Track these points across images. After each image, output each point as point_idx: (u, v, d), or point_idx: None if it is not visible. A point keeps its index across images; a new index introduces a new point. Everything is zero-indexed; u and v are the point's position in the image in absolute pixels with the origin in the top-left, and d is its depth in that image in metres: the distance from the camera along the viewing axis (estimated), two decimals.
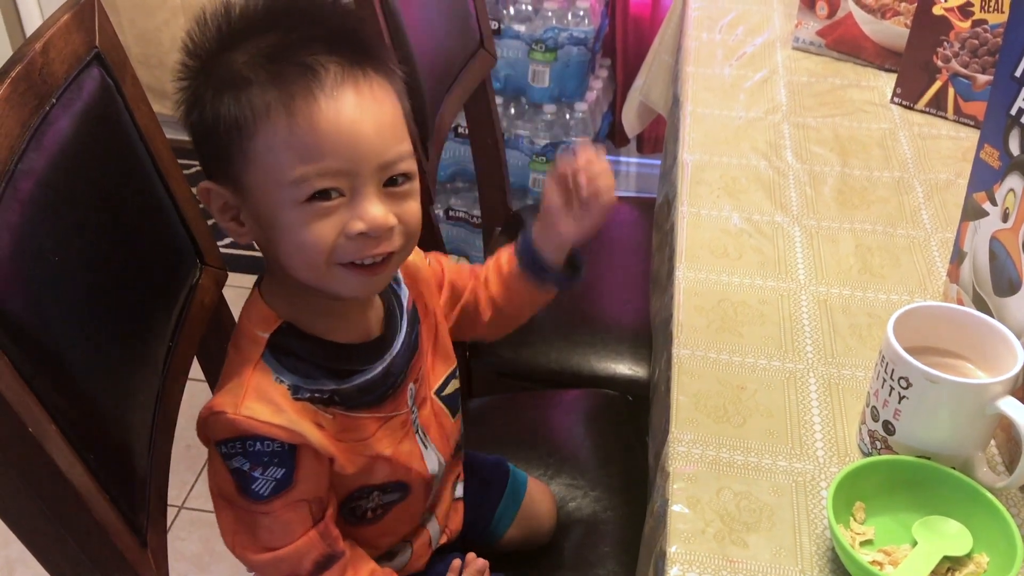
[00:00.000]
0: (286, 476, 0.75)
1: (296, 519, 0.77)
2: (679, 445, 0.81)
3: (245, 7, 0.73)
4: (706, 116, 1.28)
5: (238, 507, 0.77)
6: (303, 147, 0.69)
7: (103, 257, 0.83)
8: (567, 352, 1.39)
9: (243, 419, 0.74)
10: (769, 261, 1.02)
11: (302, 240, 0.71)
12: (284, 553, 0.77)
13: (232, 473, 0.76)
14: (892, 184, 1.15)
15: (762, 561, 0.71)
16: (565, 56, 2.11)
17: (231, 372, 0.77)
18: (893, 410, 0.75)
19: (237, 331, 0.80)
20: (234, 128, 0.70)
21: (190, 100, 0.73)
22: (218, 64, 0.71)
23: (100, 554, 0.70)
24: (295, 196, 0.70)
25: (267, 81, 0.69)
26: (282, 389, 0.76)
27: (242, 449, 0.74)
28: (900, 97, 1.31)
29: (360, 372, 0.80)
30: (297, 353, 0.77)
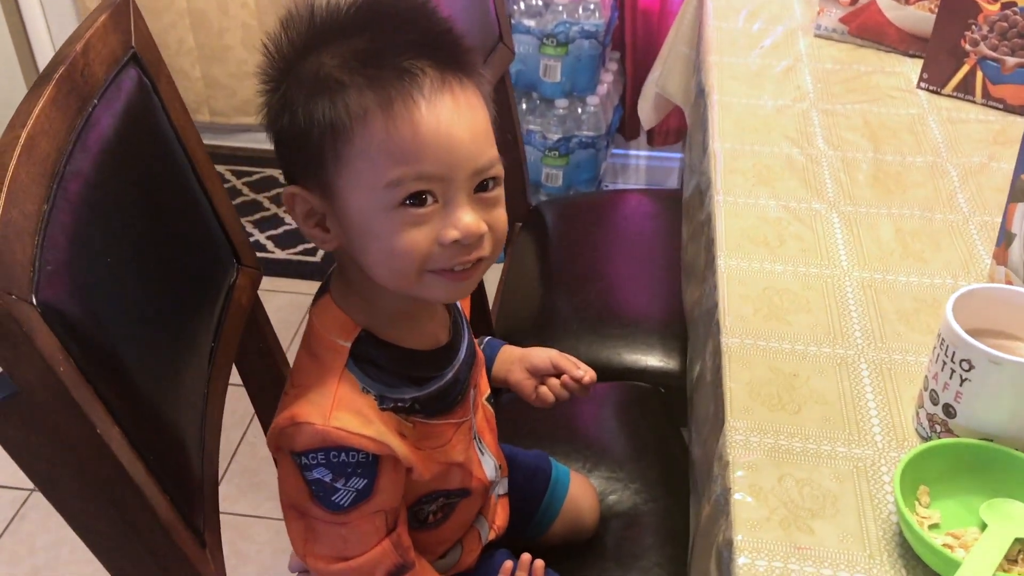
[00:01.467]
0: (367, 487, 0.74)
1: (372, 529, 0.77)
2: (736, 434, 0.80)
3: (331, 8, 0.71)
4: (734, 105, 1.27)
5: (312, 517, 0.76)
6: (400, 150, 0.67)
7: (150, 258, 0.82)
8: (596, 346, 1.39)
9: (333, 430, 0.72)
10: (810, 248, 1.01)
11: (395, 247, 0.70)
12: (358, 563, 0.77)
13: (311, 484, 0.75)
14: (926, 169, 1.15)
15: (829, 547, 0.71)
16: (576, 50, 2.10)
17: (311, 381, 0.75)
18: (954, 393, 0.75)
19: (312, 337, 0.78)
20: (329, 132, 0.68)
21: (278, 104, 0.71)
22: (306, 67, 0.70)
23: (164, 554, 0.70)
24: (389, 200, 0.68)
25: (364, 85, 0.67)
26: (369, 400, 0.74)
27: (325, 460, 0.73)
28: (927, 82, 1.30)
29: (435, 379, 0.79)
30: (377, 362, 0.76)
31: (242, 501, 1.79)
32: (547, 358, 0.97)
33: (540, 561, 0.92)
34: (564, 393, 0.97)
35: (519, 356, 0.99)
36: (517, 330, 1.43)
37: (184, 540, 0.72)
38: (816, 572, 0.69)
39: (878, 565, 0.70)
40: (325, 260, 2.34)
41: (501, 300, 1.51)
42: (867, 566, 0.70)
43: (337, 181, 0.70)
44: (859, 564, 0.70)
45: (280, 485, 0.79)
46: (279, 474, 0.78)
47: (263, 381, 1.09)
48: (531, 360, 0.97)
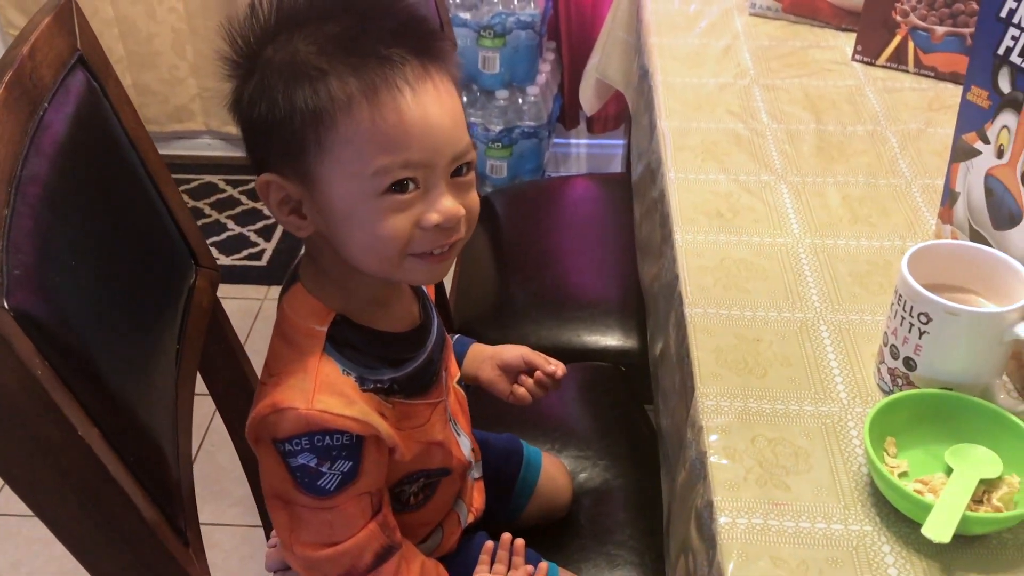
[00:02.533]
0: (352, 469, 0.75)
1: (358, 512, 0.77)
2: (707, 400, 0.82)
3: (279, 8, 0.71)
4: (677, 84, 1.30)
5: (297, 505, 0.76)
6: (386, 139, 0.68)
7: (112, 261, 0.81)
8: (556, 330, 1.40)
9: (316, 413, 0.72)
10: (762, 218, 1.04)
11: (379, 233, 0.70)
12: (346, 547, 0.77)
13: (295, 470, 0.74)
14: (867, 137, 1.18)
15: (805, 501, 0.73)
16: (514, 41, 2.11)
17: (289, 368, 0.75)
18: (914, 346, 0.77)
19: (286, 325, 0.77)
20: (311, 119, 0.68)
21: (254, 92, 0.70)
22: (279, 53, 0.69)
23: (150, 556, 0.69)
24: (373, 187, 0.69)
25: (347, 72, 0.67)
26: (350, 381, 0.75)
27: (310, 445, 0.73)
28: (861, 54, 1.34)
29: (410, 360, 0.80)
30: (355, 344, 0.76)
31: (205, 509, 1.74)
32: (518, 355, 0.99)
33: (520, 540, 0.93)
34: (539, 391, 0.99)
35: (489, 354, 1.00)
36: (476, 320, 1.44)
37: (169, 540, 0.71)
38: (795, 525, 0.72)
39: (853, 515, 0.72)
40: (271, 264, 2.32)
41: (458, 291, 1.52)
42: (843, 516, 0.72)
43: (318, 168, 0.70)
44: (835, 515, 0.72)
45: (263, 477, 0.79)
46: (261, 466, 0.78)
47: (227, 383, 1.09)
48: (502, 357, 0.99)
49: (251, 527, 1.72)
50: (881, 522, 0.72)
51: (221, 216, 2.47)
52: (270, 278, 2.28)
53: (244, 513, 1.74)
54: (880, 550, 0.70)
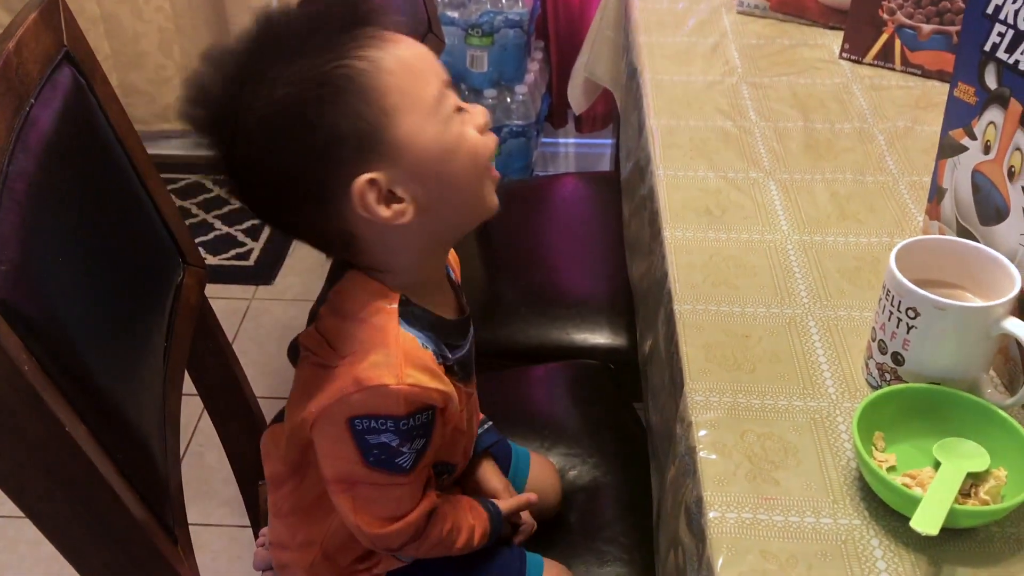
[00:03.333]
0: (425, 444, 0.76)
1: (421, 483, 0.80)
2: (696, 395, 0.82)
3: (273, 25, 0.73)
4: (666, 83, 1.30)
5: (366, 483, 0.76)
6: (413, 75, 0.72)
7: (100, 257, 0.81)
8: (544, 327, 1.40)
9: (408, 388, 0.71)
10: (751, 215, 1.04)
11: (470, 145, 0.74)
12: (412, 518, 0.79)
13: (372, 448, 0.74)
14: (854, 135, 1.19)
15: (795, 496, 0.73)
16: (502, 39, 2.11)
17: (367, 345, 0.73)
18: (902, 341, 0.78)
19: (348, 303, 0.76)
20: (365, 100, 0.70)
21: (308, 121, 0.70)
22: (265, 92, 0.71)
23: (139, 554, 0.69)
24: (444, 112, 0.73)
25: (355, 49, 0.70)
26: (429, 354, 0.75)
27: (395, 427, 0.73)
28: (848, 52, 1.35)
29: (460, 346, 0.81)
30: (423, 323, 0.76)
31: (192, 510, 1.74)
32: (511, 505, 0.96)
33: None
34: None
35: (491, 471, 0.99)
36: None
37: (159, 538, 0.71)
38: (784, 519, 0.72)
39: (842, 508, 0.72)
40: (258, 264, 2.31)
41: None
42: (832, 510, 0.72)
43: (398, 132, 0.71)
44: (824, 509, 0.72)
45: (325, 459, 0.77)
46: (323, 448, 0.77)
47: (216, 382, 1.08)
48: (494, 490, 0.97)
49: (239, 527, 1.71)
50: (870, 516, 0.72)
51: (208, 216, 2.46)
52: (257, 278, 2.27)
53: (232, 513, 1.73)
54: (869, 543, 0.70)
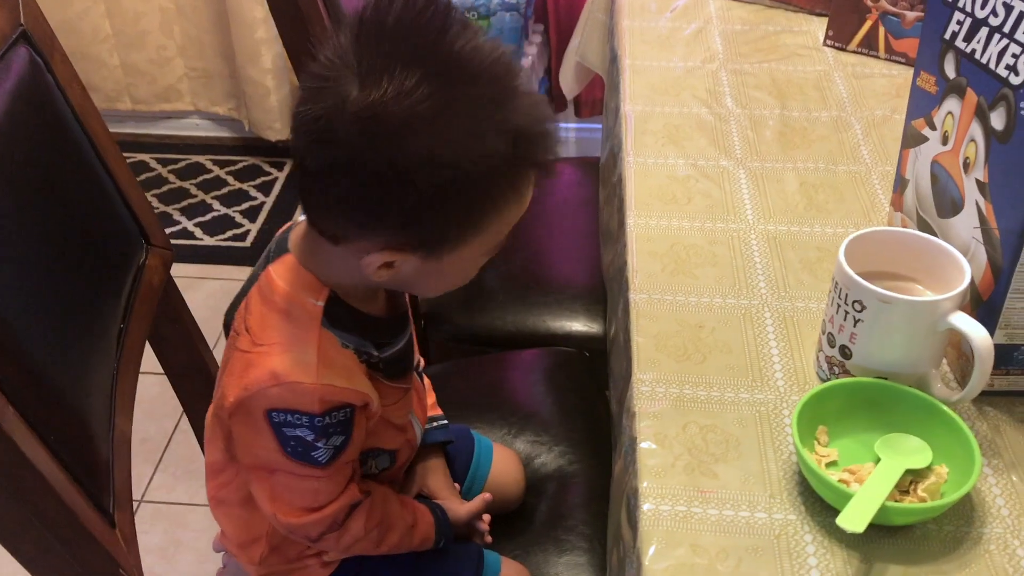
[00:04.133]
0: (344, 442, 0.76)
1: (342, 478, 0.80)
2: (643, 385, 0.82)
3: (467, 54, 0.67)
4: (644, 68, 1.28)
5: (284, 472, 0.77)
6: (512, 224, 0.74)
7: (45, 239, 0.81)
8: (522, 314, 1.40)
9: (322, 387, 0.72)
10: (717, 204, 1.03)
11: (460, 282, 0.77)
12: (330, 511, 0.79)
13: (288, 440, 0.74)
14: (831, 123, 1.17)
15: (732, 489, 0.73)
16: (498, 23, 2.10)
17: (287, 339, 0.73)
18: (849, 334, 0.77)
19: (278, 296, 0.75)
20: (474, 214, 0.69)
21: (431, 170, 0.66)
22: (459, 122, 0.66)
23: (70, 537, 0.69)
24: (482, 256, 0.75)
25: (513, 177, 0.70)
26: (349, 353, 0.75)
27: (310, 424, 0.73)
28: (832, 39, 1.33)
29: (390, 344, 0.81)
30: (347, 323, 0.76)
31: (178, 489, 1.77)
32: (465, 511, 0.95)
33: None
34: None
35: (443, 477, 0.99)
36: (444, 304, 1.43)
37: (91, 522, 0.71)
38: (719, 513, 0.71)
39: (778, 503, 0.72)
40: (255, 245, 2.31)
41: None
42: (768, 505, 0.72)
43: (448, 254, 0.71)
44: (760, 503, 0.72)
45: (243, 447, 0.78)
46: (242, 436, 0.77)
47: (183, 365, 1.08)
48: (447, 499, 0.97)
49: None
50: (806, 511, 0.71)
51: (207, 196, 2.47)
52: (254, 259, 2.27)
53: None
54: (802, 539, 0.69)
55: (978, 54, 0.75)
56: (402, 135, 0.64)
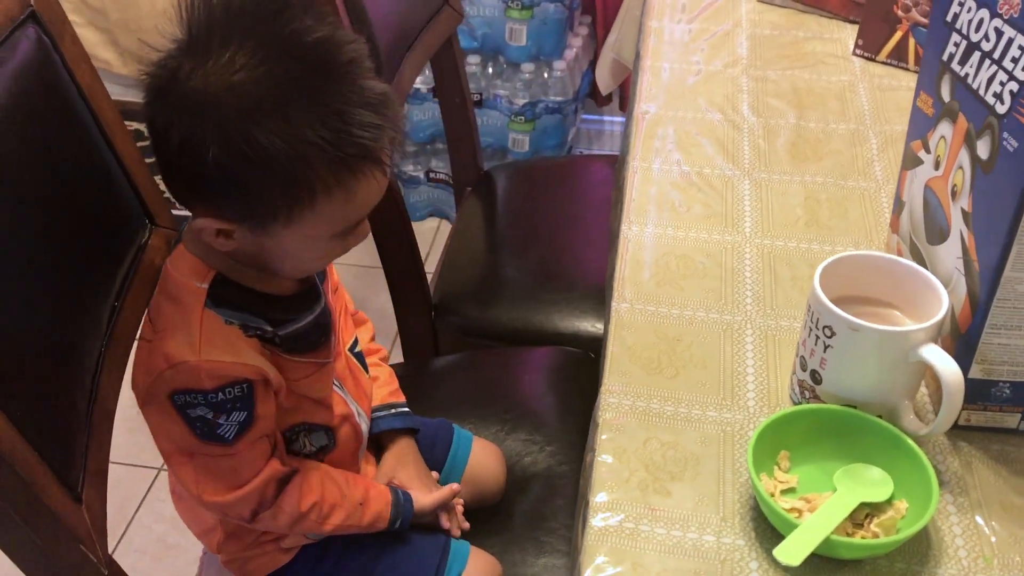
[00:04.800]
0: (248, 417, 0.78)
1: (258, 454, 0.81)
2: (610, 396, 0.81)
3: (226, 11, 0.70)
4: (664, 70, 1.27)
5: (199, 455, 0.79)
6: (354, 213, 0.75)
7: (39, 213, 0.83)
8: (531, 310, 1.39)
9: (206, 363, 0.75)
10: (716, 214, 1.01)
11: (319, 263, 0.81)
12: (252, 486, 0.81)
13: (193, 421, 0.77)
14: (847, 136, 1.14)
15: (684, 509, 0.72)
16: (542, 13, 2.09)
17: (174, 322, 0.77)
18: (820, 359, 0.75)
19: (168, 282, 0.80)
20: (289, 197, 0.71)
21: (216, 147, 0.69)
22: (243, 112, 0.68)
23: (28, 510, 0.71)
24: (329, 240, 0.76)
25: (334, 164, 0.70)
26: (234, 329, 0.77)
27: (204, 401, 0.76)
28: (862, 49, 1.29)
29: (292, 320, 0.82)
30: (235, 302, 0.78)
31: None
32: (435, 499, 0.96)
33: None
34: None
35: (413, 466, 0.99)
36: (456, 295, 1.44)
37: (52, 496, 0.73)
38: (667, 533, 0.70)
39: (729, 527, 0.71)
40: None
41: (444, 263, 1.51)
42: (718, 528, 0.71)
43: (278, 229, 0.73)
44: (710, 526, 0.71)
45: (160, 436, 0.81)
46: (157, 424, 0.80)
47: None
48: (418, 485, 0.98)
49: None
50: (756, 538, 0.70)
51: None
52: None
53: None
54: (747, 566, 0.68)
55: (970, 79, 0.73)
56: (208, 107, 0.68)
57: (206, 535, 0.90)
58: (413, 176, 2.36)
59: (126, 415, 0.88)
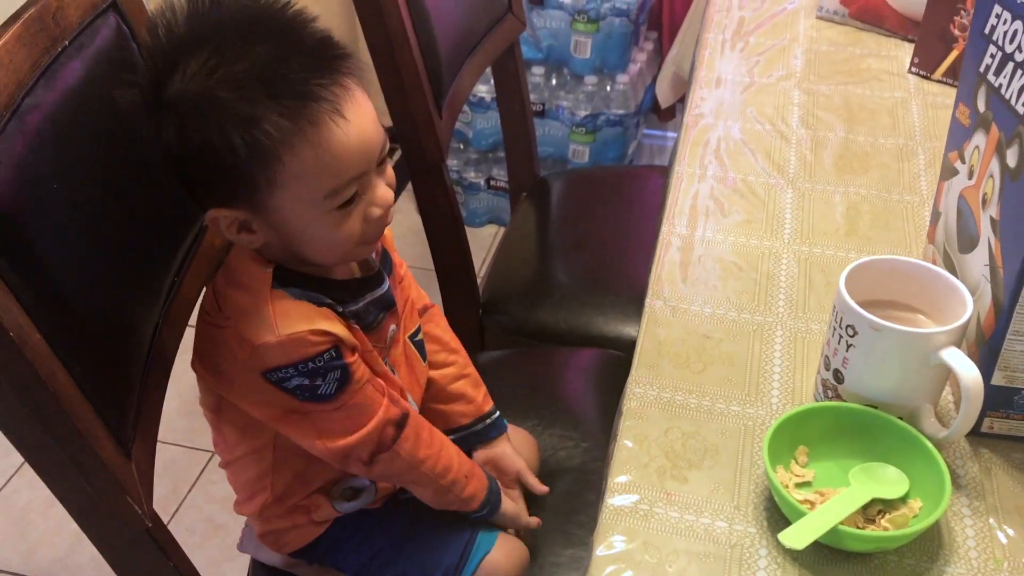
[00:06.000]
0: (344, 373, 0.82)
1: (367, 400, 0.85)
2: (636, 387, 0.83)
3: (198, 16, 0.75)
4: (717, 81, 1.29)
5: (308, 413, 0.83)
6: (332, 166, 0.75)
7: (107, 189, 0.88)
8: (576, 313, 1.42)
9: (288, 338, 0.78)
10: (756, 220, 1.03)
11: (337, 239, 0.79)
12: (368, 429, 0.85)
13: (292, 391, 0.81)
14: (895, 151, 1.15)
15: (699, 495, 0.74)
16: (607, 27, 2.12)
17: (245, 308, 0.80)
18: (842, 359, 0.76)
19: (233, 272, 0.83)
20: (256, 162, 0.74)
21: (179, 133, 0.75)
22: (192, 88, 0.73)
23: (81, 459, 0.76)
24: (326, 206, 0.77)
25: (279, 115, 0.72)
26: (303, 303, 0.81)
27: (295, 372, 0.80)
28: (918, 67, 1.30)
29: (348, 302, 0.85)
30: (299, 284, 0.82)
31: None
32: (515, 469, 1.04)
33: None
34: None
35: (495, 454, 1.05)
36: (504, 296, 1.47)
37: (104, 448, 0.78)
38: (680, 516, 0.72)
39: (741, 515, 0.72)
40: None
41: (494, 265, 1.55)
42: (731, 516, 0.72)
43: (269, 200, 0.77)
44: (723, 513, 0.73)
45: (267, 408, 0.84)
46: (260, 401, 0.83)
47: None
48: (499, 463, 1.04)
49: None
50: (767, 527, 0.72)
51: None
52: None
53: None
54: (756, 552, 0.70)
55: (1003, 89, 0.74)
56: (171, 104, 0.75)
57: (252, 499, 0.94)
58: (474, 183, 2.40)
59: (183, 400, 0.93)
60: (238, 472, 0.93)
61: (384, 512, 0.97)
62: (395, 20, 1.18)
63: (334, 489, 0.94)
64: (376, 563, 0.96)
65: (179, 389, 0.93)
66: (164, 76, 0.75)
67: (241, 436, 0.89)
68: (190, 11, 0.76)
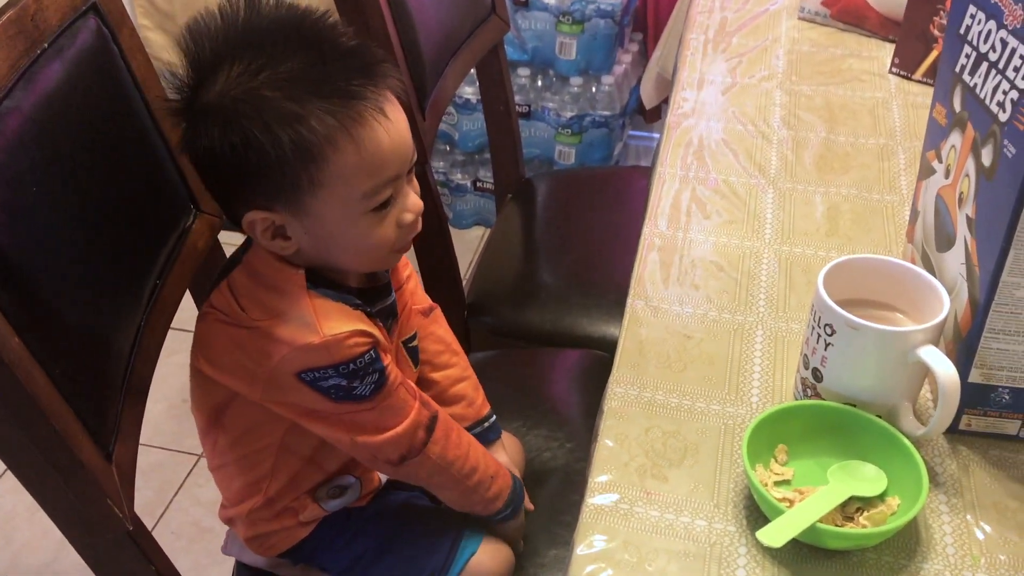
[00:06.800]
0: (380, 376, 0.83)
1: (400, 401, 0.86)
2: (617, 386, 0.84)
3: (241, 26, 0.77)
4: (699, 81, 1.29)
5: (344, 413, 0.83)
6: (371, 166, 0.77)
7: (87, 192, 0.88)
8: (562, 314, 1.42)
9: (332, 339, 0.79)
10: (737, 220, 1.03)
11: (372, 244, 0.81)
12: (399, 431, 0.85)
13: (328, 390, 0.81)
14: (876, 151, 1.15)
15: (679, 494, 0.74)
16: (592, 29, 2.12)
17: (281, 310, 0.80)
18: (821, 357, 0.77)
19: (260, 274, 0.83)
20: (301, 158, 0.75)
21: (222, 136, 0.75)
22: (248, 97, 0.75)
23: (61, 461, 0.76)
24: (362, 208, 0.79)
25: (324, 113, 0.74)
26: (340, 305, 0.82)
27: (335, 373, 0.80)
28: (898, 67, 1.31)
29: (362, 305, 0.85)
30: (330, 286, 0.83)
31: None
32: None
33: None
34: None
35: None
36: (490, 296, 1.47)
37: (84, 450, 0.78)
38: (660, 515, 0.73)
39: (721, 514, 0.73)
40: None
41: (479, 266, 1.55)
42: (710, 514, 0.73)
43: (311, 201, 0.77)
44: (703, 512, 0.73)
45: (300, 409, 0.84)
46: (292, 401, 0.83)
47: None
48: None
49: None
50: (747, 525, 0.72)
51: None
52: None
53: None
54: (736, 551, 0.70)
55: (978, 88, 0.74)
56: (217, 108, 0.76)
57: (242, 503, 0.93)
58: (460, 184, 2.41)
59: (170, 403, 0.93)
60: (231, 476, 0.93)
61: (370, 513, 0.97)
62: (376, 20, 1.18)
63: (320, 489, 0.94)
64: (361, 564, 0.96)
65: (165, 392, 0.93)
66: (206, 81, 0.76)
67: (239, 440, 0.89)
68: (230, 19, 0.77)
